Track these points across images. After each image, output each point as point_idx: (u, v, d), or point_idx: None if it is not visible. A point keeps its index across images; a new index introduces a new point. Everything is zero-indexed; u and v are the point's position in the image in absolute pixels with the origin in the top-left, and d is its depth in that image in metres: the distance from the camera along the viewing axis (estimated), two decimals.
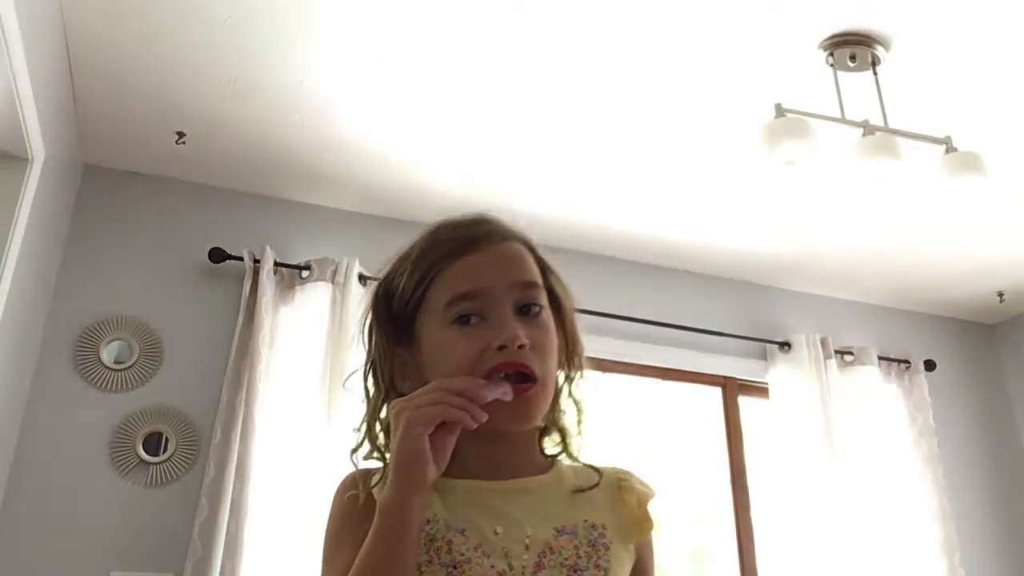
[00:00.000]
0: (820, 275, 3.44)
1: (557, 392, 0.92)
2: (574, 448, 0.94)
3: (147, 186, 2.75)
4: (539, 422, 0.90)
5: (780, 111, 2.02)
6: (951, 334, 3.81)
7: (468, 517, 0.83)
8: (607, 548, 0.86)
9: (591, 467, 0.93)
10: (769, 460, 3.24)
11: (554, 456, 0.94)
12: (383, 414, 0.90)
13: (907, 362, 3.50)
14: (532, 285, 0.89)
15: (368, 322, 0.94)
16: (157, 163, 2.70)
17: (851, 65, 2.11)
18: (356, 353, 2.85)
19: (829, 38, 2.08)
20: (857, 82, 2.15)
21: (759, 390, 3.36)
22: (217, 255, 2.68)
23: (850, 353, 3.39)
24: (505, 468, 0.88)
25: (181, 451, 2.50)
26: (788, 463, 3.17)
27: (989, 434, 3.67)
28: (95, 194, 2.68)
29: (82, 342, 2.52)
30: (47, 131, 2.06)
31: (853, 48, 2.08)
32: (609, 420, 3.22)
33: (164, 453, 2.48)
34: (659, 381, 3.28)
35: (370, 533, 0.77)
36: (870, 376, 3.34)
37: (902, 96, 2.24)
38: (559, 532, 0.84)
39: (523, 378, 0.83)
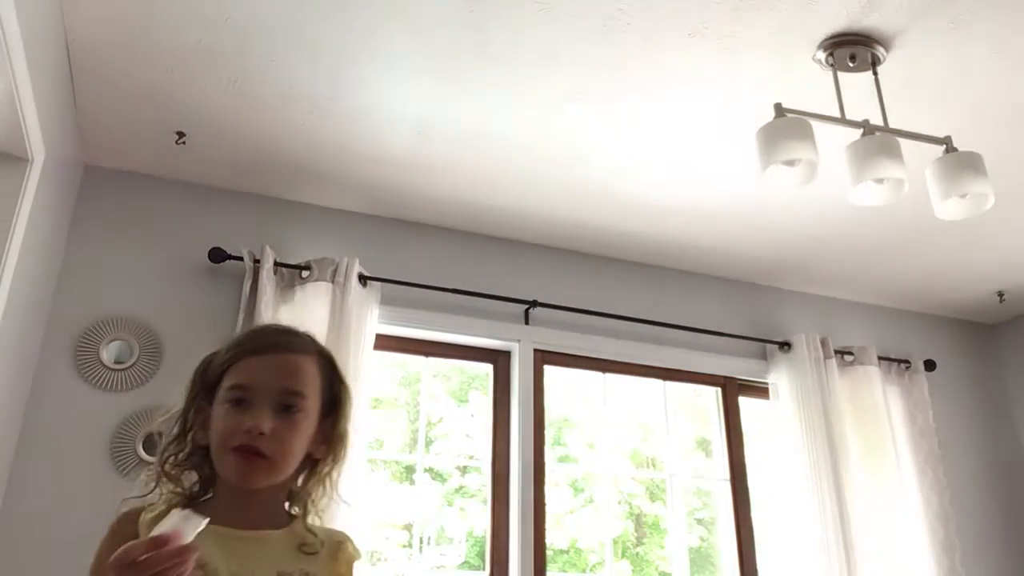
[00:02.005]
0: (820, 275, 3.45)
1: (314, 473, 1.17)
2: (310, 517, 1.17)
3: (147, 186, 2.75)
4: (264, 484, 1.10)
5: (780, 111, 2.02)
6: (951, 334, 3.82)
7: (211, 555, 1.03)
8: None
9: (315, 531, 1.15)
10: (769, 460, 3.24)
11: (294, 517, 1.16)
12: (176, 458, 1.14)
13: (907, 362, 3.50)
14: (293, 393, 1.11)
15: (190, 379, 1.19)
16: (157, 163, 2.70)
17: (851, 65, 2.11)
18: (356, 353, 2.81)
19: (829, 38, 2.08)
20: (857, 82, 2.15)
21: (759, 390, 3.36)
22: (217, 255, 2.68)
23: (850, 353, 3.39)
24: (248, 519, 1.10)
25: None
26: (788, 463, 3.17)
27: (989, 434, 3.67)
28: (95, 194, 2.68)
29: (82, 342, 2.52)
30: (47, 131, 2.06)
31: (853, 48, 2.08)
32: (609, 420, 3.22)
33: None
34: (659, 381, 3.28)
35: None
36: (870, 376, 3.34)
37: (902, 96, 2.24)
38: (280, 574, 1.07)
39: (256, 453, 1.07)
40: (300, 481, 1.17)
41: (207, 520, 0.91)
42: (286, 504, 1.18)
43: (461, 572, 2.99)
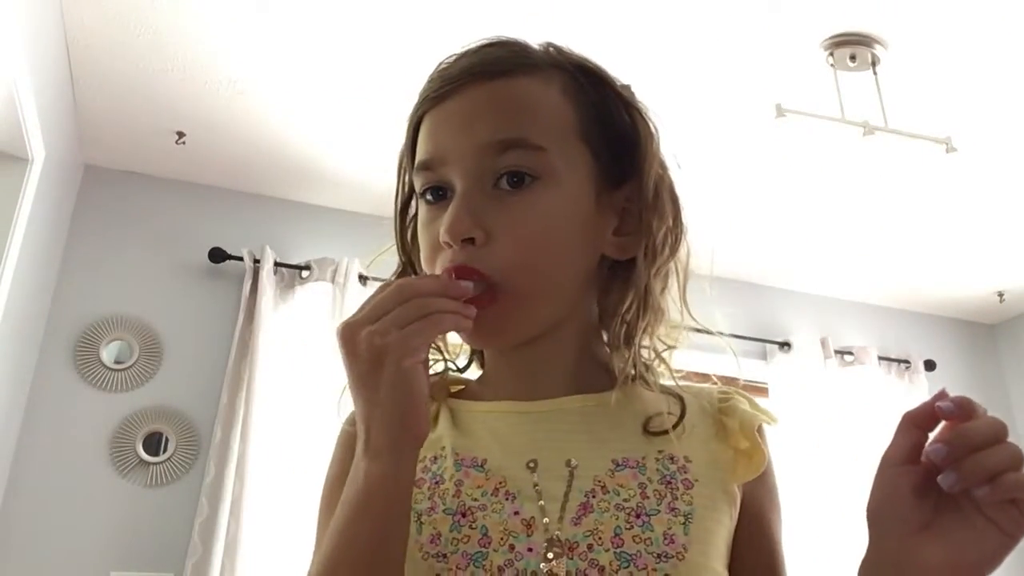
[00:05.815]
0: (820, 275, 3.44)
1: (630, 285, 0.69)
2: (659, 366, 0.69)
3: (147, 186, 2.75)
4: (513, 337, 0.65)
5: (780, 111, 2.02)
6: (951, 334, 3.81)
7: (489, 448, 0.63)
8: (689, 486, 0.62)
9: (672, 391, 0.69)
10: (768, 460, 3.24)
11: (627, 374, 0.67)
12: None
13: (907, 362, 3.50)
14: (513, 145, 0.61)
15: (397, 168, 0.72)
16: (157, 163, 2.70)
17: (851, 65, 2.11)
18: None
19: (829, 38, 2.08)
20: (857, 82, 2.15)
21: (759, 390, 3.35)
22: (217, 255, 2.68)
23: (850, 353, 3.39)
24: (545, 383, 0.66)
25: (181, 451, 2.50)
26: (788, 463, 3.17)
27: None
28: (95, 194, 2.68)
29: (82, 342, 2.52)
30: (47, 131, 2.06)
31: (853, 48, 2.08)
32: None
33: (164, 453, 2.48)
34: None
35: (348, 509, 0.57)
36: (870, 376, 3.34)
37: (902, 96, 2.24)
38: (619, 465, 0.61)
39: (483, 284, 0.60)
40: (611, 305, 0.69)
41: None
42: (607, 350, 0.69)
43: None
